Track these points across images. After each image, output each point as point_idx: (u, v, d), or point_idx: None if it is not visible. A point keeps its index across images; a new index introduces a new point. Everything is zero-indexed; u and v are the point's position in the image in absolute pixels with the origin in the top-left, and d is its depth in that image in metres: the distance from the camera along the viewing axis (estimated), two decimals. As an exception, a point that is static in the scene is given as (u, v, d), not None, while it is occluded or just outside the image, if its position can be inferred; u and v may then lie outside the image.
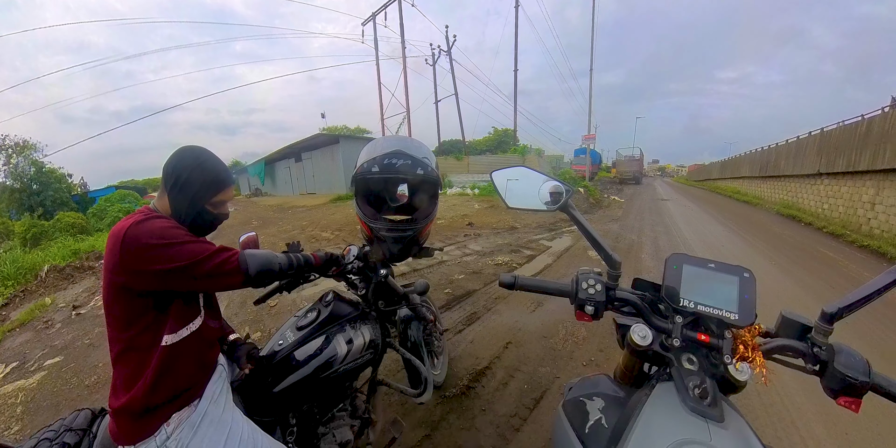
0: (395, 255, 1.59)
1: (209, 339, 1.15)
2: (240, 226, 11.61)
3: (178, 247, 0.92)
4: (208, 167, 1.07)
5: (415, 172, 1.48)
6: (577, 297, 0.84)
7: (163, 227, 0.93)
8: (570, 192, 0.95)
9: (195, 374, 1.07)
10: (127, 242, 0.89)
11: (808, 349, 0.71)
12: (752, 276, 0.77)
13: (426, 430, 2.06)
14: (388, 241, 1.55)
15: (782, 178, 13.41)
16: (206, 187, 1.06)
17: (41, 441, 1.05)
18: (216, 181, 1.08)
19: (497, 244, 6.56)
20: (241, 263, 1.00)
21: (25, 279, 7.16)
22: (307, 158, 21.82)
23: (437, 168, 1.58)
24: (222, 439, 1.03)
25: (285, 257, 1.15)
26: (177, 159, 1.05)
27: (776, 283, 4.40)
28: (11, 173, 16.60)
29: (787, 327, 0.77)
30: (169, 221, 0.99)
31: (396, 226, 1.54)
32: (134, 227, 0.90)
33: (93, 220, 15.20)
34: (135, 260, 0.89)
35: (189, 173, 1.04)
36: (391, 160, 1.46)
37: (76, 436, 1.07)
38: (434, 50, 23.83)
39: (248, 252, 1.05)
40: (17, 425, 2.70)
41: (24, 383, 3.28)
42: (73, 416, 1.16)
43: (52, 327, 4.63)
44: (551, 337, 3.02)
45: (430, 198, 1.65)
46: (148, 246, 0.89)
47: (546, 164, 23.57)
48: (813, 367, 0.70)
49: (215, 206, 1.11)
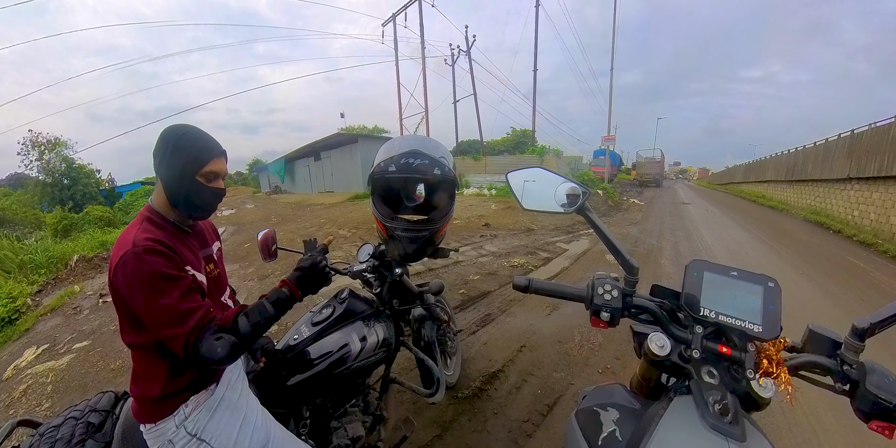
0: (411, 255, 1.59)
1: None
2: (259, 222, 11.85)
3: (155, 304, 0.89)
4: (189, 138, 1.03)
5: (432, 172, 1.48)
6: (593, 302, 0.82)
7: (153, 274, 0.90)
8: (587, 194, 0.92)
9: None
10: (117, 273, 0.91)
11: (837, 367, 0.67)
12: (777, 286, 0.73)
13: (437, 430, 2.06)
14: (404, 240, 1.55)
15: (809, 183, 12.91)
16: (192, 160, 1.02)
17: (67, 419, 1.10)
18: (202, 150, 1.04)
19: (513, 246, 6.52)
20: (197, 347, 0.91)
21: (56, 268, 7.48)
22: (326, 157, 22.08)
23: (454, 168, 1.57)
24: (237, 424, 1.06)
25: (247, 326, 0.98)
26: (159, 140, 1.03)
27: (802, 293, 4.25)
28: (44, 168, 17.31)
29: (815, 342, 0.72)
30: (166, 264, 0.93)
31: (413, 226, 1.55)
32: (129, 261, 0.90)
33: (119, 214, 15.86)
34: (121, 290, 0.92)
35: (172, 148, 1.01)
36: (408, 159, 1.46)
37: (100, 416, 1.13)
38: (453, 50, 23.83)
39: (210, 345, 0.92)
40: (47, 402, 2.85)
41: (55, 364, 3.45)
42: (97, 398, 1.22)
43: (81, 313, 4.83)
44: (566, 342, 2.99)
45: (446, 198, 1.65)
46: (131, 290, 0.90)
47: (564, 165, 23.30)
48: (843, 387, 0.67)
49: (207, 179, 1.05)
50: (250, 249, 7.49)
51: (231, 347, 0.94)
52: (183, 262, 1.00)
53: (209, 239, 1.26)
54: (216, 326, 0.95)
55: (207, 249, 1.22)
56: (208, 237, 1.26)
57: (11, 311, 5.15)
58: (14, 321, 5.03)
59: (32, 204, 17.86)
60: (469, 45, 22.58)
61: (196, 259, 1.09)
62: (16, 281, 6.70)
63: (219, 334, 0.95)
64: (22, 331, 4.60)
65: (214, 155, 1.07)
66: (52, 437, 1.05)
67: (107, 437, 1.08)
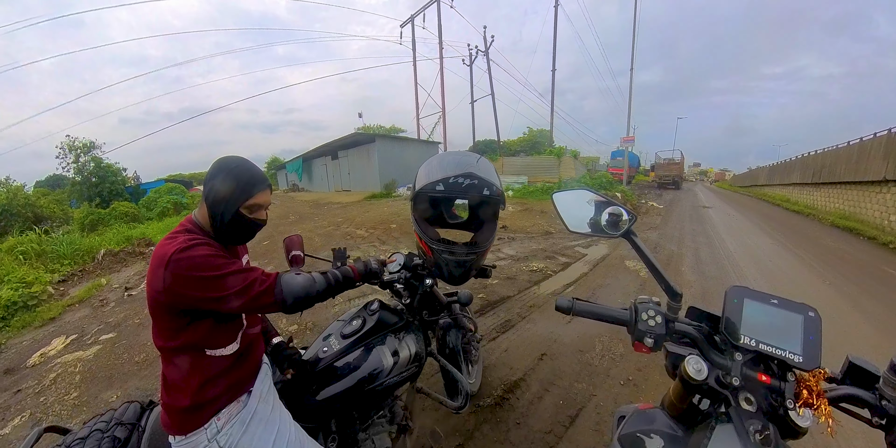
0: (457, 278, 1.59)
1: (253, 344, 1.19)
2: (278, 219, 12.03)
3: (218, 279, 0.95)
4: (240, 172, 1.07)
5: (482, 193, 1.47)
6: (637, 328, 0.82)
7: (205, 256, 0.95)
8: (634, 219, 0.93)
9: (242, 375, 1.11)
10: (171, 268, 0.92)
11: (875, 401, 0.67)
12: (817, 316, 0.73)
13: (459, 439, 2.06)
14: (451, 264, 1.55)
15: (839, 186, 12.34)
16: (238, 191, 1.06)
17: (94, 431, 1.10)
18: (248, 184, 1.08)
19: (531, 249, 6.48)
20: (276, 294, 1.02)
21: (83, 260, 7.75)
22: (343, 156, 22.29)
23: (500, 184, 1.56)
24: (271, 439, 1.05)
25: (323, 280, 1.16)
26: (212, 168, 1.08)
27: (831, 307, 4.07)
28: (75, 169, 18.19)
29: (854, 374, 0.73)
30: (211, 248, 1.00)
31: (459, 250, 1.53)
32: (178, 255, 0.92)
33: (143, 210, 16.30)
34: (177, 286, 0.92)
35: (222, 179, 1.06)
36: (458, 180, 1.46)
37: (126, 430, 1.12)
38: (471, 50, 23.79)
39: (285, 279, 1.06)
40: (75, 392, 2.94)
41: (83, 354, 3.58)
42: (123, 409, 1.22)
43: (107, 305, 5.00)
44: (587, 351, 2.96)
45: (492, 218, 1.64)
46: (189, 276, 0.92)
47: (581, 166, 23.05)
48: (879, 421, 0.67)
49: (250, 211, 1.10)
50: (269, 247, 7.60)
51: (306, 287, 1.08)
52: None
53: (240, 251, 1.29)
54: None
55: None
56: (239, 251, 1.29)
57: (26, 296, 5.22)
58: (33, 308, 5.11)
59: (63, 201, 18.62)
60: (487, 45, 22.52)
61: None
62: (31, 267, 6.89)
63: (298, 270, 1.10)
64: (46, 319, 4.76)
65: (260, 188, 1.10)
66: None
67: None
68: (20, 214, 13.81)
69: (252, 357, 1.18)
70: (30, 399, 2.93)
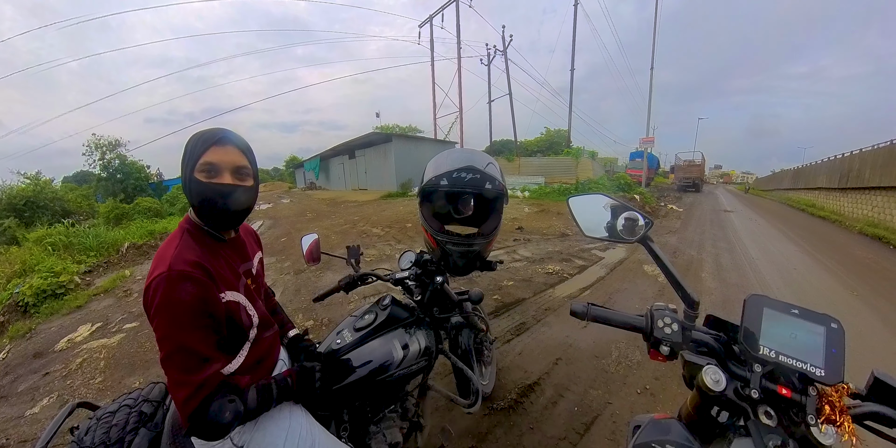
0: (461, 267, 1.61)
1: (267, 348, 1.19)
2: (295, 217, 12.22)
3: (167, 340, 0.87)
4: (192, 137, 0.98)
5: (483, 187, 1.50)
6: (653, 335, 0.81)
7: (182, 305, 0.87)
8: (650, 225, 0.92)
9: (257, 374, 1.12)
10: (147, 294, 0.89)
11: None
12: (840, 328, 0.70)
13: (472, 441, 2.06)
14: (455, 254, 1.57)
15: (867, 191, 11.87)
16: (187, 156, 0.95)
17: (122, 406, 1.15)
18: (196, 143, 0.95)
19: (547, 251, 6.43)
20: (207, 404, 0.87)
21: (108, 253, 8.04)
22: (360, 155, 22.48)
23: (503, 181, 1.58)
24: (283, 435, 1.06)
25: (250, 403, 0.97)
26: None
27: (858, 319, 3.93)
28: (101, 165, 18.98)
29: (879, 390, 0.69)
30: (198, 295, 0.90)
31: (463, 240, 1.56)
32: (161, 286, 0.87)
33: (166, 205, 16.81)
34: (147, 311, 0.90)
35: (183, 152, 0.97)
36: (460, 174, 1.49)
37: (151, 406, 1.17)
38: (489, 50, 23.72)
39: (221, 405, 0.89)
40: (100, 377, 3.07)
41: (107, 342, 3.73)
42: (149, 388, 1.27)
43: (131, 296, 5.17)
44: (603, 357, 2.92)
45: (495, 211, 1.65)
46: (157, 315, 0.87)
47: (599, 167, 22.77)
48: None
49: (208, 174, 0.95)
50: (287, 244, 7.72)
51: (236, 416, 0.91)
52: (219, 288, 0.97)
53: (251, 250, 1.22)
54: (228, 388, 0.92)
55: (248, 264, 1.18)
56: (249, 249, 1.22)
57: (55, 285, 5.45)
58: (61, 296, 5.36)
59: (90, 196, 19.37)
60: (506, 45, 22.41)
61: (234, 277, 1.07)
62: (59, 258, 7.18)
63: (232, 396, 0.91)
64: (73, 307, 4.98)
65: (210, 143, 0.95)
66: (108, 423, 1.09)
67: (158, 427, 1.11)
68: (47, 207, 14.41)
69: (267, 360, 1.19)
70: (57, 382, 3.05)
